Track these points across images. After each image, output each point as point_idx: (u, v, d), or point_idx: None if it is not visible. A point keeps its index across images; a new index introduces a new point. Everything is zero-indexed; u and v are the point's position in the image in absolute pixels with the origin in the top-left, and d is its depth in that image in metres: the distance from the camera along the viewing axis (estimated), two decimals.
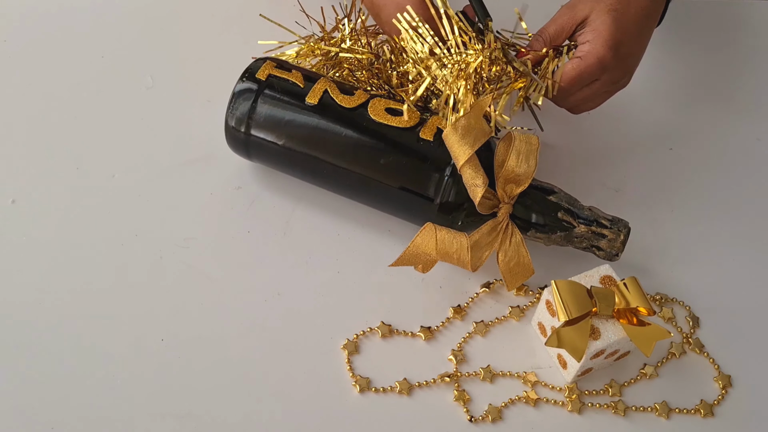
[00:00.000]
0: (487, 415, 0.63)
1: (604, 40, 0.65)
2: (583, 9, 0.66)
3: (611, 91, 0.70)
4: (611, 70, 0.66)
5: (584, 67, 0.66)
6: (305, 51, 0.75)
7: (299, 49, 0.76)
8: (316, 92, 0.67)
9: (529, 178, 0.65)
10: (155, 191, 0.73)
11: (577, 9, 0.66)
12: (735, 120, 0.83)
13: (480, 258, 0.64)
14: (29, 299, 0.66)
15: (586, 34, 0.66)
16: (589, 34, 0.65)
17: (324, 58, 0.76)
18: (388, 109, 0.67)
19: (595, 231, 0.65)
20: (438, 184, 0.65)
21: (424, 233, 0.63)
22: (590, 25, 0.66)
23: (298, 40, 0.77)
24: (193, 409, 0.62)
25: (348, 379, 0.64)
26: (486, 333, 0.67)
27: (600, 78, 0.67)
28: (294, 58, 0.75)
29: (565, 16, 0.67)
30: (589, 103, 0.71)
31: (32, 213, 0.71)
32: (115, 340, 0.64)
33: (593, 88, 0.68)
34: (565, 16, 0.67)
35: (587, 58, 0.65)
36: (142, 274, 0.68)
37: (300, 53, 0.76)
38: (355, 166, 0.67)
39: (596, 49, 0.65)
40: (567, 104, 0.71)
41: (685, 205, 0.76)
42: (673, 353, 0.67)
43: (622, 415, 0.64)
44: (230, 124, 0.69)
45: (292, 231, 0.71)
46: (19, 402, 0.61)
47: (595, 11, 0.65)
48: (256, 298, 0.67)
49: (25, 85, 0.80)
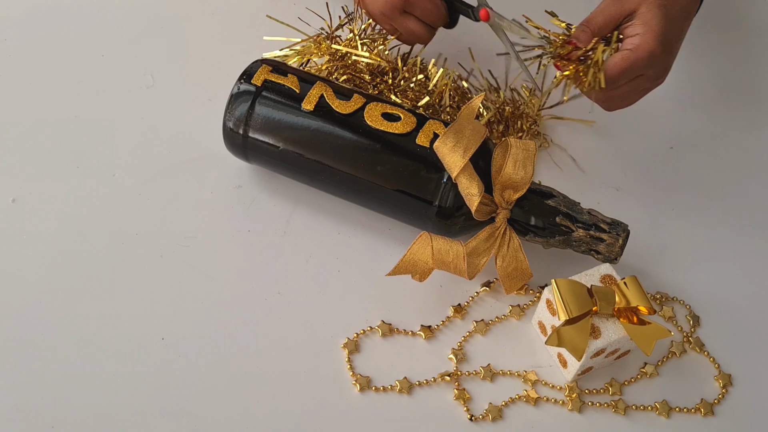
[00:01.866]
0: (487, 414, 0.63)
1: (654, 34, 0.64)
2: (632, 1, 0.65)
3: (649, 88, 0.69)
4: (657, 66, 0.65)
5: (634, 59, 0.64)
6: (311, 49, 0.75)
7: (304, 48, 0.76)
8: (312, 98, 0.67)
9: (527, 184, 0.65)
10: (156, 190, 0.73)
11: (625, 0, 0.66)
12: (735, 120, 0.83)
13: (477, 266, 0.64)
14: (29, 299, 0.66)
15: (635, 26, 0.64)
16: (639, 27, 0.64)
17: (331, 57, 0.76)
18: (385, 114, 0.67)
19: (594, 235, 0.65)
20: (435, 190, 0.65)
21: (419, 243, 0.63)
22: (639, 18, 0.64)
23: (306, 39, 0.77)
24: (193, 409, 0.62)
25: (348, 378, 0.64)
26: (486, 332, 0.67)
27: (645, 73, 0.66)
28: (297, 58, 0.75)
29: (612, 7, 0.66)
30: (626, 100, 0.69)
31: (32, 213, 0.71)
32: (115, 339, 0.64)
33: (635, 83, 0.67)
34: (613, 7, 0.66)
35: (638, 50, 0.64)
36: (142, 273, 0.68)
37: (305, 51, 0.76)
38: (352, 171, 0.67)
39: (647, 43, 0.64)
40: (604, 98, 0.69)
41: (685, 204, 0.76)
42: (674, 352, 0.67)
43: (623, 414, 0.64)
44: (228, 127, 0.69)
45: (293, 230, 0.71)
46: (19, 402, 0.61)
47: (645, 5, 0.64)
48: (256, 297, 0.67)
49: (25, 84, 0.80)
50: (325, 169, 0.68)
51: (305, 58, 0.76)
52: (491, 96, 0.79)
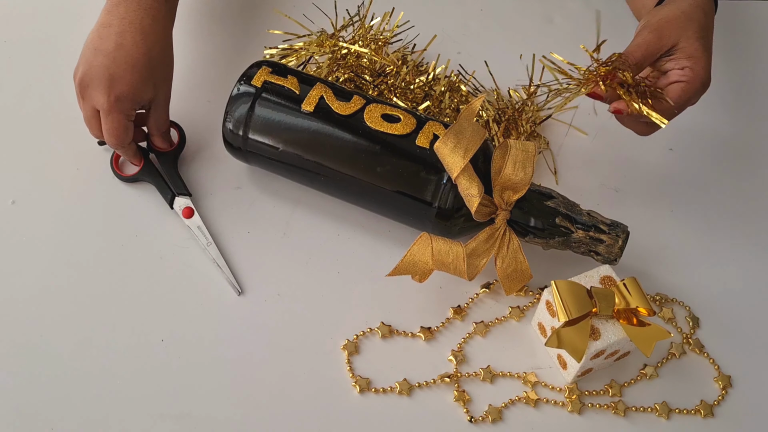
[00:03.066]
0: (487, 416, 0.63)
1: (703, 65, 0.65)
2: (671, 35, 0.66)
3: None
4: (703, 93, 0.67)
5: (691, 91, 0.65)
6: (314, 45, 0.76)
7: (306, 43, 0.76)
8: (311, 99, 0.67)
9: (527, 185, 0.65)
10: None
11: (664, 35, 0.66)
12: (735, 120, 0.83)
13: (477, 267, 0.64)
14: (29, 299, 0.66)
15: (680, 60, 0.66)
16: (684, 60, 0.65)
17: (333, 55, 0.76)
18: (384, 115, 0.67)
19: (593, 236, 0.65)
20: (435, 191, 0.65)
21: (419, 244, 0.63)
22: (683, 51, 0.66)
23: (310, 35, 0.77)
24: (192, 410, 0.62)
25: (348, 379, 0.64)
26: (486, 333, 0.67)
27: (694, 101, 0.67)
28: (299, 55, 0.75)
29: (651, 41, 0.66)
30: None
31: (32, 213, 0.71)
32: (115, 340, 0.64)
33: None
34: (652, 41, 0.66)
35: (693, 82, 0.65)
36: (142, 274, 0.68)
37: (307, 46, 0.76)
38: (352, 173, 0.67)
39: (700, 75, 0.65)
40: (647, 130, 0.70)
41: (685, 205, 0.76)
42: (673, 353, 0.67)
43: (622, 415, 0.64)
44: (228, 128, 0.69)
45: (292, 231, 0.71)
46: (19, 402, 0.61)
47: (685, 38, 0.66)
48: (256, 299, 0.67)
49: (25, 84, 0.80)
50: (324, 171, 0.68)
51: (308, 55, 0.76)
52: (491, 97, 0.79)
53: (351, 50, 0.76)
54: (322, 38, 0.77)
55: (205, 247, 0.69)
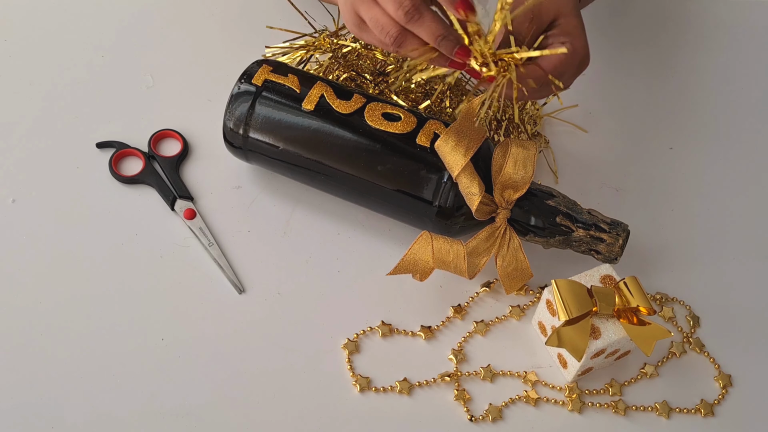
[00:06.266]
0: (487, 415, 0.63)
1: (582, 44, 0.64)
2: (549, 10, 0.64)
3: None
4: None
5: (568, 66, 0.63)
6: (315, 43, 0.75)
7: (307, 41, 0.76)
8: (312, 98, 0.67)
9: (527, 184, 0.65)
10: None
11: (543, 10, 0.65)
12: (735, 120, 0.83)
13: (477, 265, 0.64)
14: (29, 299, 0.66)
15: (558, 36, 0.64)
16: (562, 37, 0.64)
17: (334, 55, 0.76)
18: (385, 114, 0.67)
19: (594, 235, 0.65)
20: (435, 190, 0.65)
21: (420, 242, 0.63)
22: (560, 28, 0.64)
23: (310, 34, 0.76)
24: (192, 409, 0.62)
25: (348, 378, 0.64)
26: (486, 332, 0.67)
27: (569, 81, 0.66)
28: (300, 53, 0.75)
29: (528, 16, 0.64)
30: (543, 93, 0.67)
31: (32, 213, 0.71)
32: (115, 339, 0.64)
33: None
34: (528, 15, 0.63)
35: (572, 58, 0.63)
36: (142, 273, 0.68)
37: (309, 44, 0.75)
38: (353, 172, 0.67)
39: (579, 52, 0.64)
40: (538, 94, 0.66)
41: (685, 204, 0.76)
42: (674, 352, 0.67)
43: (623, 414, 0.64)
44: (228, 127, 0.69)
45: (292, 230, 0.71)
46: (19, 402, 0.61)
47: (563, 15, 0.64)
48: (256, 298, 0.67)
49: (25, 84, 0.80)
50: (325, 169, 0.68)
51: (308, 53, 0.76)
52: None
53: (352, 48, 0.76)
54: (323, 36, 0.77)
55: (207, 247, 0.69)
